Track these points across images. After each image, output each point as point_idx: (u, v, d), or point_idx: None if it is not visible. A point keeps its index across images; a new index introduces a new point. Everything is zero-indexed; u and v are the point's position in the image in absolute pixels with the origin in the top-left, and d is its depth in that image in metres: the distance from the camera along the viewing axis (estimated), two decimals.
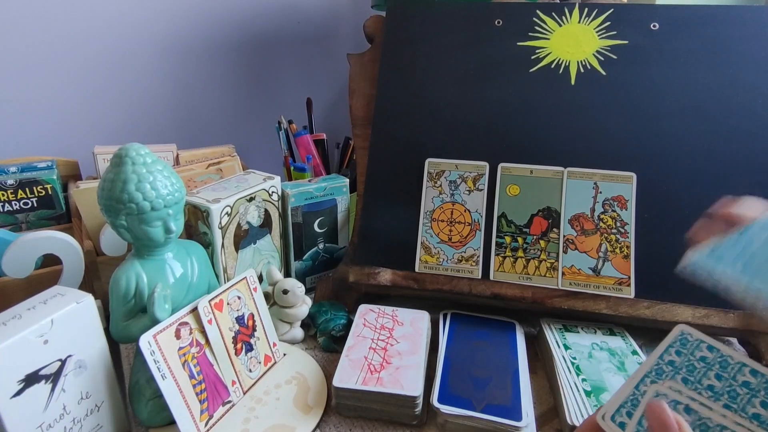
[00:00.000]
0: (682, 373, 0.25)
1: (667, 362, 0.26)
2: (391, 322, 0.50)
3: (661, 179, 0.51)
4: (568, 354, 0.46)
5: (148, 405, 0.40)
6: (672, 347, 0.26)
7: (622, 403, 0.26)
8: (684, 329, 0.26)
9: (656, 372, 0.26)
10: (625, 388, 0.26)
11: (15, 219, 0.63)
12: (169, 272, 0.41)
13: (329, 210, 0.62)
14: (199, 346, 0.40)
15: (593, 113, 0.54)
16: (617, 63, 0.54)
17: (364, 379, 0.42)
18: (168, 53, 0.84)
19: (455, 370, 0.44)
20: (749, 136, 0.50)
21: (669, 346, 0.26)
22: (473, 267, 0.52)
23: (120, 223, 0.39)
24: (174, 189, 0.40)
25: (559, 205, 0.52)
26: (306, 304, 0.53)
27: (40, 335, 0.33)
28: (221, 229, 0.50)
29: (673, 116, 0.52)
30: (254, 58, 0.93)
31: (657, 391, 0.25)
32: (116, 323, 0.40)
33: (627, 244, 0.50)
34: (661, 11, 0.54)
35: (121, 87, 0.82)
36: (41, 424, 0.33)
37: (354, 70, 0.62)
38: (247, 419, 0.41)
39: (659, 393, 0.25)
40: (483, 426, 0.39)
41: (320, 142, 0.79)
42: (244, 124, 0.96)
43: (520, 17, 0.57)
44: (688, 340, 0.26)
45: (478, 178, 0.55)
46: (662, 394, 0.25)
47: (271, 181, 0.56)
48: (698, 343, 0.26)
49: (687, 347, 0.26)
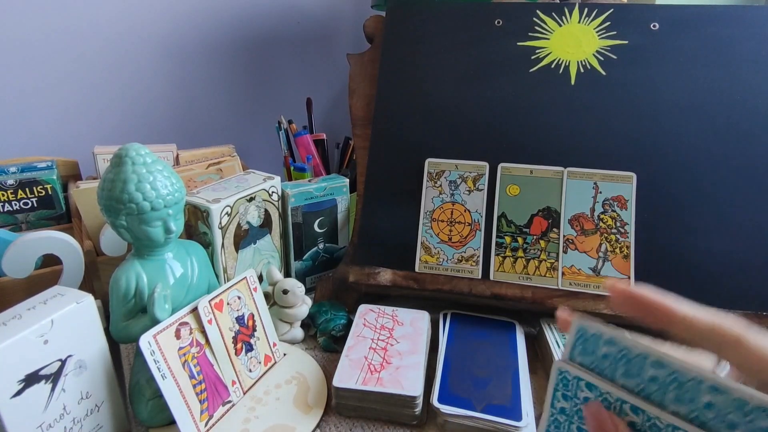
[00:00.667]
0: (576, 421, 0.22)
1: (559, 410, 0.23)
2: (391, 322, 0.50)
3: (661, 179, 0.51)
4: None
5: (148, 405, 0.40)
6: (557, 391, 0.23)
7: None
8: (561, 366, 0.22)
9: (554, 425, 0.23)
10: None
11: (15, 219, 0.63)
12: (169, 272, 0.41)
13: (329, 210, 0.62)
14: (199, 346, 0.40)
15: (593, 113, 0.54)
16: (617, 63, 0.54)
17: (364, 379, 0.42)
18: (168, 53, 0.84)
19: (455, 370, 0.44)
20: (749, 136, 0.50)
21: (554, 391, 0.23)
22: (473, 267, 0.52)
23: (120, 223, 0.39)
24: (174, 189, 0.40)
25: (559, 205, 0.52)
26: (306, 304, 0.53)
27: (40, 335, 0.33)
28: (221, 229, 0.50)
29: (673, 116, 0.52)
30: (254, 58, 0.93)
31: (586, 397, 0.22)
32: (116, 323, 0.40)
33: (627, 244, 0.50)
34: (661, 11, 0.54)
35: (121, 87, 0.82)
36: (41, 424, 0.33)
37: (354, 70, 0.62)
38: (247, 419, 0.41)
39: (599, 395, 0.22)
40: (483, 426, 0.39)
41: (320, 142, 0.79)
42: (244, 124, 0.96)
43: (520, 17, 0.57)
44: (568, 380, 0.22)
45: (478, 178, 0.55)
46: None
47: (271, 181, 0.56)
48: (576, 381, 0.22)
49: (570, 389, 0.22)
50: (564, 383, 0.22)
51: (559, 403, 0.23)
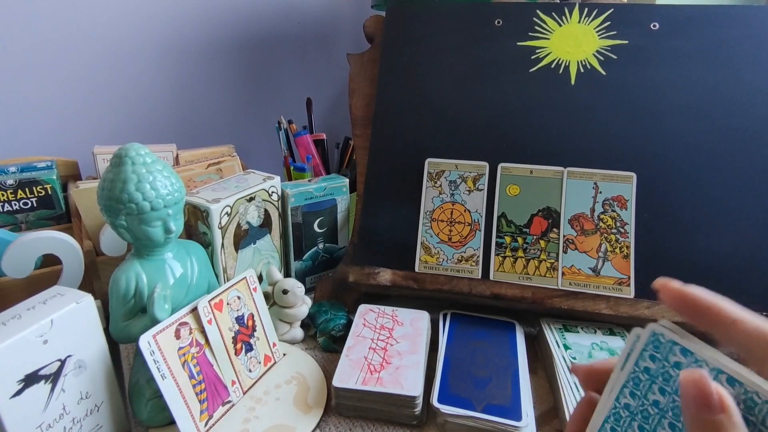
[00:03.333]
0: (659, 382, 0.22)
1: (642, 369, 0.23)
2: (391, 322, 0.50)
3: (661, 179, 0.51)
4: (568, 354, 0.46)
5: (148, 405, 0.40)
6: (646, 351, 0.23)
7: (605, 420, 0.23)
8: (655, 329, 0.22)
9: (634, 382, 0.23)
10: (605, 403, 0.23)
11: (15, 219, 0.63)
12: (168, 272, 0.41)
13: (329, 210, 0.62)
14: (198, 346, 0.40)
15: (593, 113, 0.54)
16: (617, 63, 0.54)
17: (364, 379, 0.42)
18: (168, 53, 0.84)
19: (455, 370, 0.44)
20: (749, 136, 0.50)
21: (643, 350, 0.23)
22: (473, 267, 0.52)
23: (120, 223, 0.39)
24: (174, 189, 0.40)
25: (559, 205, 0.52)
26: (306, 304, 0.53)
27: (40, 335, 0.33)
28: (221, 229, 0.50)
29: (673, 116, 0.52)
30: (254, 58, 0.93)
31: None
32: (116, 323, 0.40)
33: (627, 244, 0.50)
34: (661, 11, 0.54)
35: (121, 87, 0.82)
36: (41, 424, 0.33)
37: (354, 70, 0.62)
38: (247, 419, 0.41)
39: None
40: (483, 426, 0.39)
41: (320, 142, 0.79)
42: (244, 124, 0.96)
43: (520, 17, 0.57)
44: (661, 342, 0.22)
45: (478, 178, 0.55)
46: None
47: (270, 181, 0.56)
48: (671, 345, 0.22)
49: (660, 351, 0.22)
50: (655, 345, 0.22)
51: (644, 362, 0.22)
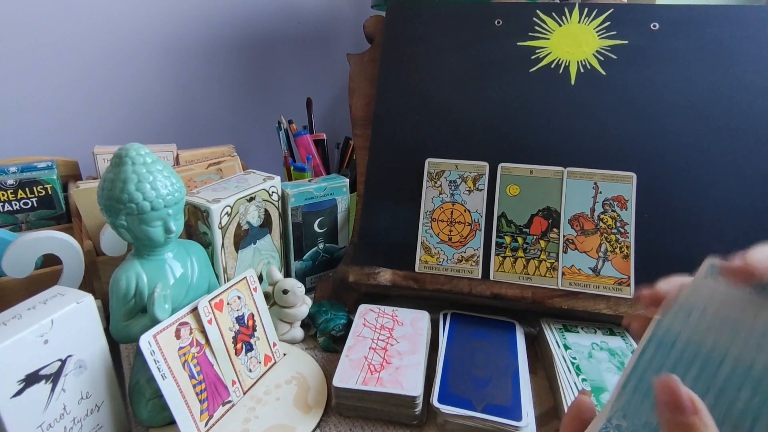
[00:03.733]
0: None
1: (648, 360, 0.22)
2: (391, 322, 0.50)
3: (661, 179, 0.51)
4: (568, 354, 0.46)
5: (148, 405, 0.40)
6: (651, 342, 0.22)
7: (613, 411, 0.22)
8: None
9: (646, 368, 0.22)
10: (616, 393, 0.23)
11: (15, 219, 0.63)
12: (169, 272, 0.41)
13: (329, 210, 0.62)
14: (199, 346, 0.40)
15: (593, 113, 0.54)
16: (617, 63, 0.54)
17: (364, 379, 0.42)
18: (168, 53, 0.84)
19: (455, 369, 0.44)
20: (749, 136, 0.50)
21: (648, 341, 0.22)
22: (473, 267, 0.52)
23: (120, 223, 0.39)
24: (174, 189, 0.40)
25: (559, 205, 0.52)
26: (306, 304, 0.53)
27: (40, 335, 0.33)
28: (221, 229, 0.50)
29: (673, 116, 0.52)
30: (254, 58, 0.93)
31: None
32: (116, 323, 0.40)
33: (627, 244, 0.50)
34: (661, 11, 0.54)
35: (121, 87, 0.82)
36: (41, 424, 0.33)
37: (354, 70, 0.62)
38: (247, 419, 0.41)
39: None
40: (483, 426, 0.39)
41: (320, 142, 0.79)
42: (244, 124, 0.96)
43: (520, 17, 0.57)
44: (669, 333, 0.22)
45: (478, 178, 0.55)
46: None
47: (271, 181, 0.56)
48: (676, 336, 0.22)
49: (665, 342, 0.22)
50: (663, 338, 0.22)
51: (650, 353, 0.22)
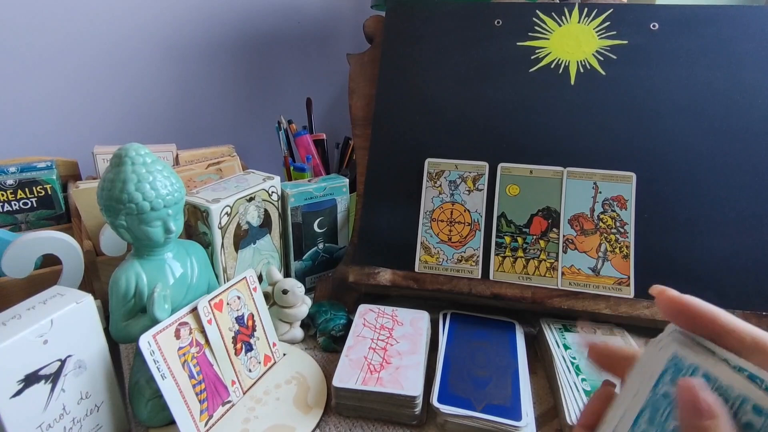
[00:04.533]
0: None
1: (662, 394, 0.20)
2: (391, 322, 0.50)
3: (661, 179, 0.51)
4: (568, 354, 0.46)
5: (148, 405, 0.40)
6: (666, 374, 0.20)
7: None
8: (677, 352, 0.20)
9: (652, 407, 0.20)
10: (623, 427, 0.21)
11: (15, 219, 0.63)
12: (168, 272, 0.41)
13: (329, 210, 0.62)
14: (198, 346, 0.40)
15: (593, 113, 0.54)
16: (617, 63, 0.54)
17: (364, 379, 0.42)
18: (168, 53, 0.84)
19: (455, 370, 0.44)
20: (749, 136, 0.50)
21: (662, 373, 0.20)
22: (473, 267, 0.52)
23: (120, 223, 0.39)
24: (174, 189, 0.40)
25: (559, 205, 0.52)
26: (306, 304, 0.53)
27: (40, 335, 0.33)
28: (221, 229, 0.50)
29: (673, 116, 0.52)
30: (254, 58, 0.93)
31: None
32: (116, 323, 0.40)
33: (627, 244, 0.50)
34: (661, 11, 0.54)
35: (121, 87, 0.82)
36: (41, 424, 0.33)
37: (354, 70, 0.62)
38: (247, 419, 0.41)
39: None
40: (483, 426, 0.39)
41: (320, 142, 0.79)
42: (244, 124, 0.96)
43: (519, 17, 0.57)
44: (681, 367, 0.20)
45: (478, 178, 0.55)
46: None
47: (270, 181, 0.56)
48: (693, 369, 0.20)
49: (682, 375, 0.20)
50: (675, 368, 0.20)
51: (664, 386, 0.20)
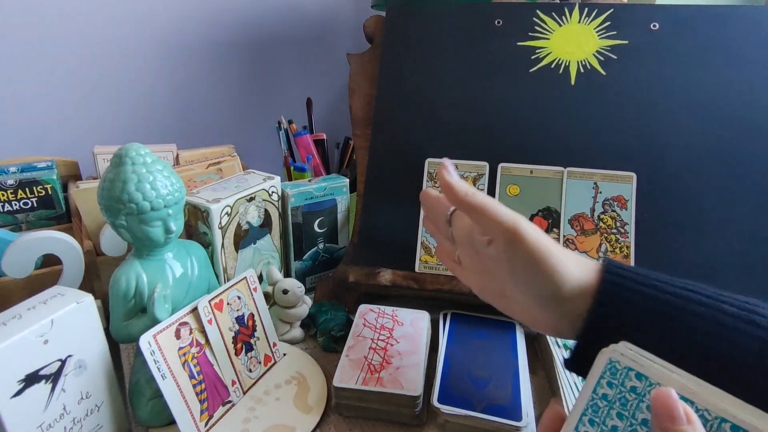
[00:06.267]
0: (617, 407, 0.23)
1: (601, 396, 0.23)
2: (391, 322, 0.50)
3: (661, 179, 0.51)
4: (567, 354, 0.46)
5: (148, 405, 0.40)
6: (603, 378, 0.23)
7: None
8: (612, 356, 0.23)
9: (592, 409, 0.23)
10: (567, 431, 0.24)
11: (15, 219, 0.63)
12: (169, 272, 0.41)
13: (329, 210, 0.62)
14: (199, 346, 0.40)
15: (593, 113, 0.54)
16: (617, 63, 0.54)
17: (364, 379, 0.42)
18: (168, 53, 0.84)
19: (455, 370, 0.44)
20: (749, 136, 0.50)
21: (600, 378, 0.23)
22: None
23: (120, 223, 0.39)
24: (174, 189, 0.40)
25: (559, 205, 0.52)
26: (306, 304, 0.53)
27: (40, 335, 0.33)
28: (221, 229, 0.50)
29: (673, 116, 0.52)
30: (254, 58, 0.93)
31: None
32: (116, 323, 0.40)
33: (627, 244, 0.50)
34: (661, 11, 0.54)
35: (121, 86, 0.82)
36: (41, 424, 0.33)
37: (354, 70, 0.62)
38: (247, 419, 0.41)
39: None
40: (483, 426, 0.39)
41: (320, 142, 0.79)
42: (244, 124, 0.96)
43: (520, 17, 0.57)
44: (617, 369, 0.23)
45: (478, 178, 0.55)
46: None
47: (271, 181, 0.56)
48: (626, 371, 0.23)
49: (617, 377, 0.23)
50: (612, 371, 0.23)
51: (602, 389, 0.23)
